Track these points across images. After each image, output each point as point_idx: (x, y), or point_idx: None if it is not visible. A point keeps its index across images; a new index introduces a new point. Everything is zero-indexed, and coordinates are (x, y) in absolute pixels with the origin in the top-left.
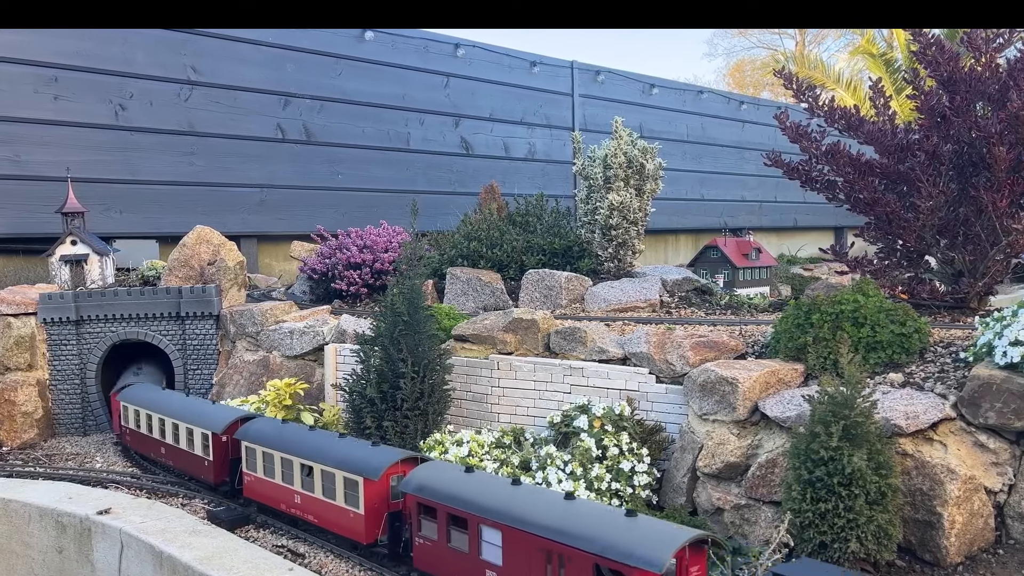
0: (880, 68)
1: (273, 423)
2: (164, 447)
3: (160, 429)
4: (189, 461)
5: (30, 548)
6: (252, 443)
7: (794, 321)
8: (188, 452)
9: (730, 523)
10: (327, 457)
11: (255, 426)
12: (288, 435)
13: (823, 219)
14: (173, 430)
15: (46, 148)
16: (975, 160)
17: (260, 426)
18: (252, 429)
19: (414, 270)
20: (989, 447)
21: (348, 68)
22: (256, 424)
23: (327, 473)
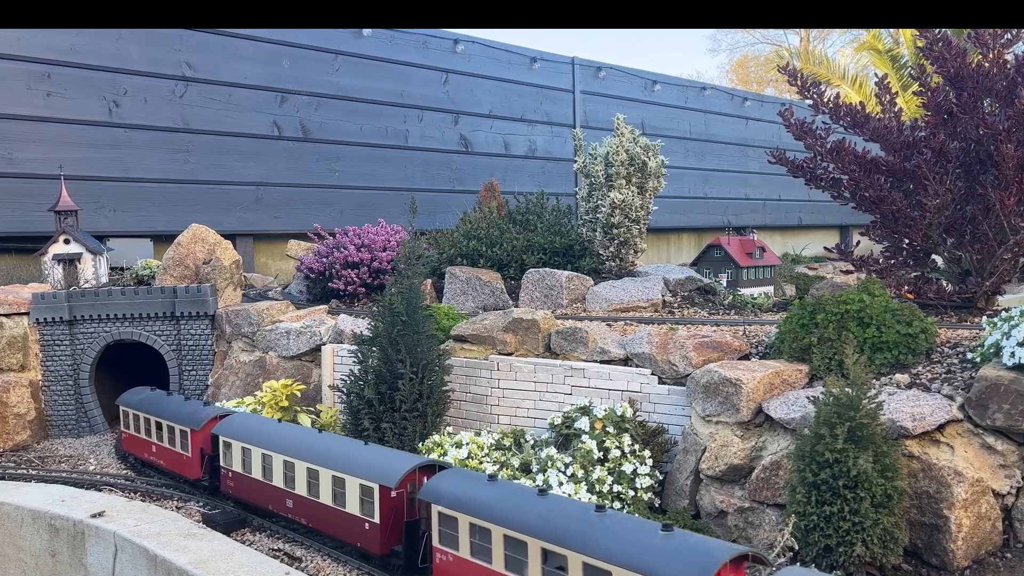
0: (886, 64)
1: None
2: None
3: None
4: (343, 522)
5: (22, 552)
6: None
7: (799, 321)
8: (344, 514)
9: (733, 526)
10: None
11: (236, 422)
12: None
13: (828, 217)
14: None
15: (38, 145)
16: (982, 158)
17: (246, 423)
18: (233, 425)
19: (413, 269)
20: (997, 449)
21: (346, 64)
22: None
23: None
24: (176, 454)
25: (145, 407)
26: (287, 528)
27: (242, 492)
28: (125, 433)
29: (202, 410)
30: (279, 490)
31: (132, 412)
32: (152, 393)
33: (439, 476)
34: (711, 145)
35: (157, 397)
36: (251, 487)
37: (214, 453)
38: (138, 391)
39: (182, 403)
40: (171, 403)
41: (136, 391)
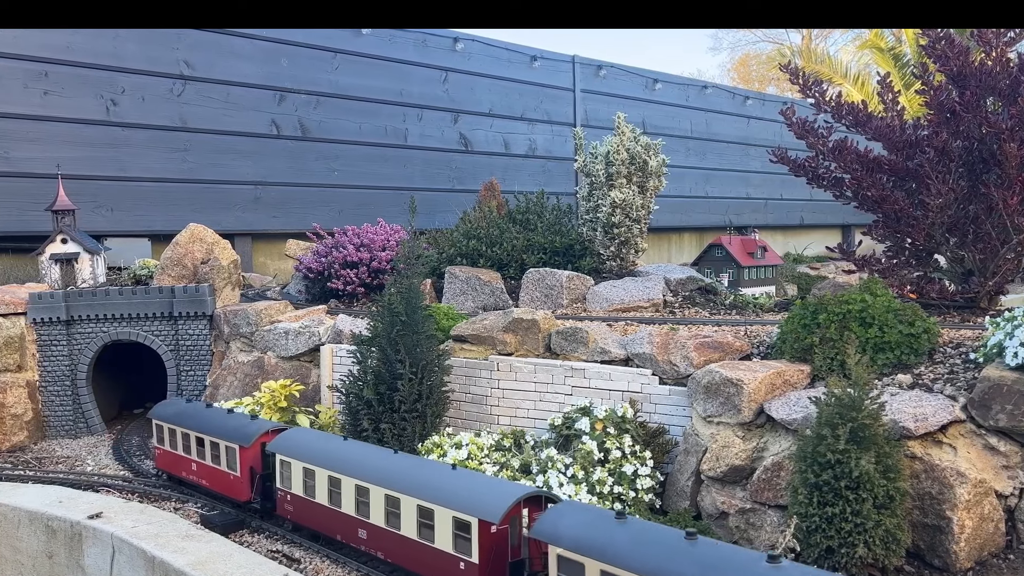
0: (888, 62)
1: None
2: None
3: None
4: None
5: (19, 553)
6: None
7: (800, 321)
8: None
9: (735, 528)
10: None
11: (294, 438)
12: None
13: (830, 217)
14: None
15: (35, 144)
16: (985, 157)
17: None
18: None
19: (412, 269)
20: (1000, 450)
21: (344, 63)
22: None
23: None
24: (221, 473)
25: (183, 420)
26: (360, 561)
27: (304, 518)
28: (158, 449)
29: (250, 424)
30: (350, 518)
31: (167, 426)
32: (189, 405)
33: (555, 511)
34: (712, 144)
35: (195, 409)
36: (315, 513)
37: (266, 472)
38: (172, 402)
39: (226, 416)
40: (213, 416)
41: (170, 402)
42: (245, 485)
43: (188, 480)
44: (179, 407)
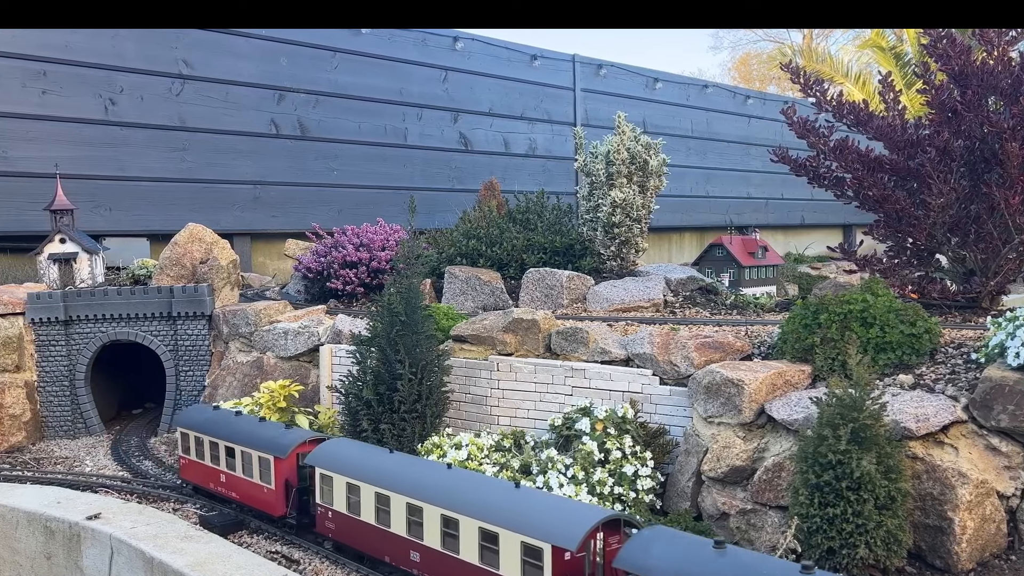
0: (890, 62)
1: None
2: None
3: None
4: None
5: (17, 554)
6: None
7: (801, 321)
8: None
9: (735, 528)
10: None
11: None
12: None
13: (831, 216)
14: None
15: (34, 144)
16: (987, 156)
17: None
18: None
19: (412, 269)
20: (1001, 450)
21: (344, 62)
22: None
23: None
24: (254, 486)
25: (211, 429)
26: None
27: (348, 537)
28: (184, 459)
29: (285, 434)
30: (400, 539)
31: (194, 435)
32: (218, 412)
33: (644, 539)
34: (713, 143)
35: (225, 417)
36: (360, 532)
37: (302, 486)
38: (200, 409)
39: (258, 425)
40: (244, 425)
41: (197, 409)
42: (280, 499)
43: (217, 493)
44: (206, 415)
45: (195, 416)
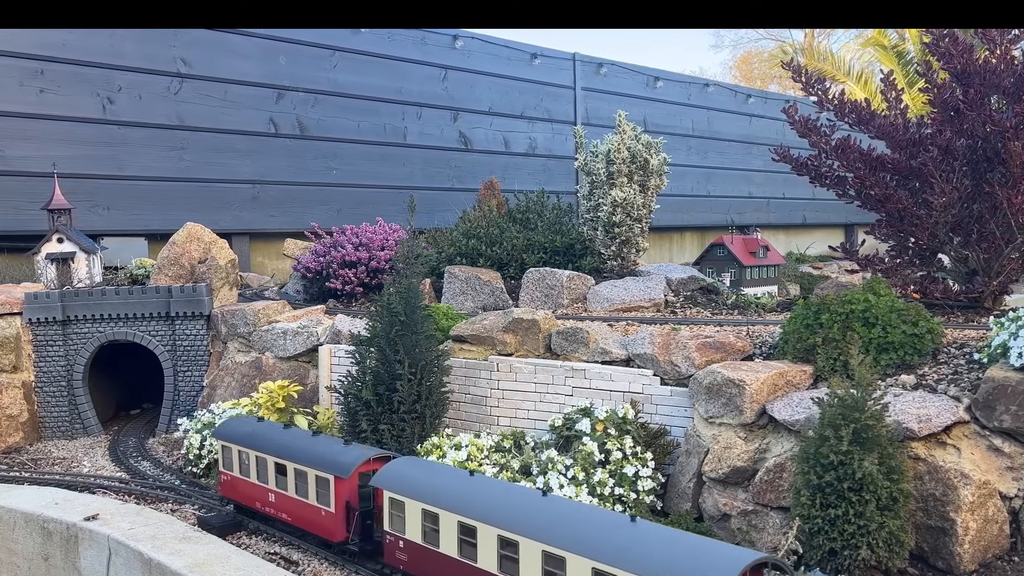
0: (892, 60)
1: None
2: None
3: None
4: None
5: (15, 555)
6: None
7: (803, 321)
8: None
9: (737, 529)
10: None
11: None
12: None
13: (833, 216)
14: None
15: (31, 143)
16: (990, 155)
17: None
18: None
19: (411, 269)
20: (1004, 451)
21: (343, 60)
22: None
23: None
24: (309, 508)
25: (257, 443)
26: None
27: (423, 571)
28: (226, 475)
29: (345, 451)
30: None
31: (237, 448)
32: (263, 424)
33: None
34: (714, 143)
35: (272, 430)
36: (440, 566)
37: (365, 508)
38: (242, 421)
39: (311, 439)
40: (296, 439)
41: (239, 420)
42: (339, 523)
43: (264, 513)
44: (251, 426)
45: (237, 428)
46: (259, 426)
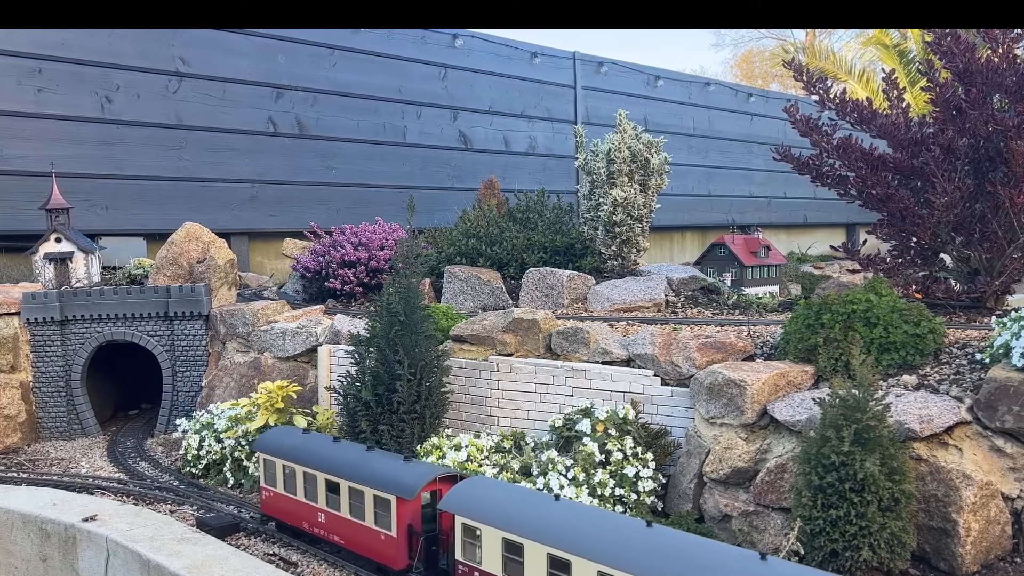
0: (893, 59)
1: None
2: None
3: None
4: None
5: (12, 556)
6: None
7: (804, 321)
8: None
9: (738, 530)
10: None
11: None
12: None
13: (834, 216)
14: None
15: (29, 142)
16: (992, 155)
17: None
18: None
19: (411, 268)
20: (1006, 452)
21: (342, 59)
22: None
23: None
24: (365, 531)
25: (305, 457)
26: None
27: None
28: (268, 492)
29: (407, 468)
30: None
31: (282, 463)
32: (310, 436)
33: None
34: (715, 142)
35: (320, 443)
36: None
37: (430, 533)
38: (285, 432)
39: (366, 454)
40: (349, 454)
41: (283, 432)
42: (401, 549)
43: (313, 534)
44: (295, 439)
45: (281, 440)
46: (306, 438)
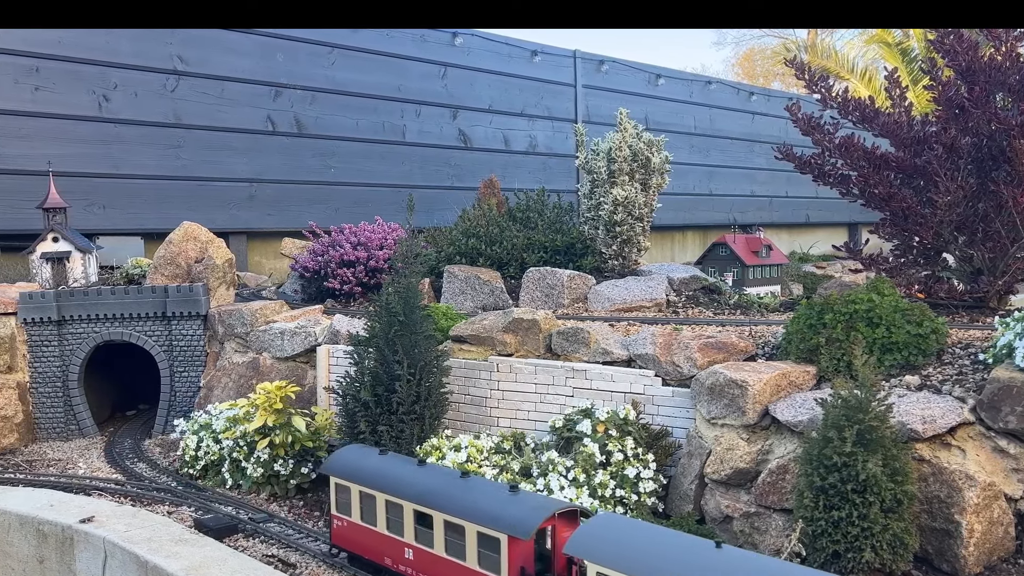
0: (896, 57)
1: None
2: None
3: None
4: None
5: (9, 558)
6: None
7: (806, 321)
8: None
9: (739, 532)
10: None
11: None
12: None
13: (836, 215)
14: None
15: (26, 141)
16: (995, 153)
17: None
18: None
19: (410, 268)
20: (1009, 452)
21: (341, 57)
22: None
23: None
24: (466, 573)
25: (386, 483)
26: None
27: None
28: (341, 521)
29: (516, 501)
30: None
31: (359, 489)
32: (390, 458)
33: None
34: (716, 141)
35: (402, 466)
36: None
37: (541, 573)
38: (359, 452)
39: (461, 482)
40: (440, 480)
41: (355, 451)
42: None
43: (397, 571)
44: (373, 460)
45: (356, 462)
46: (385, 460)
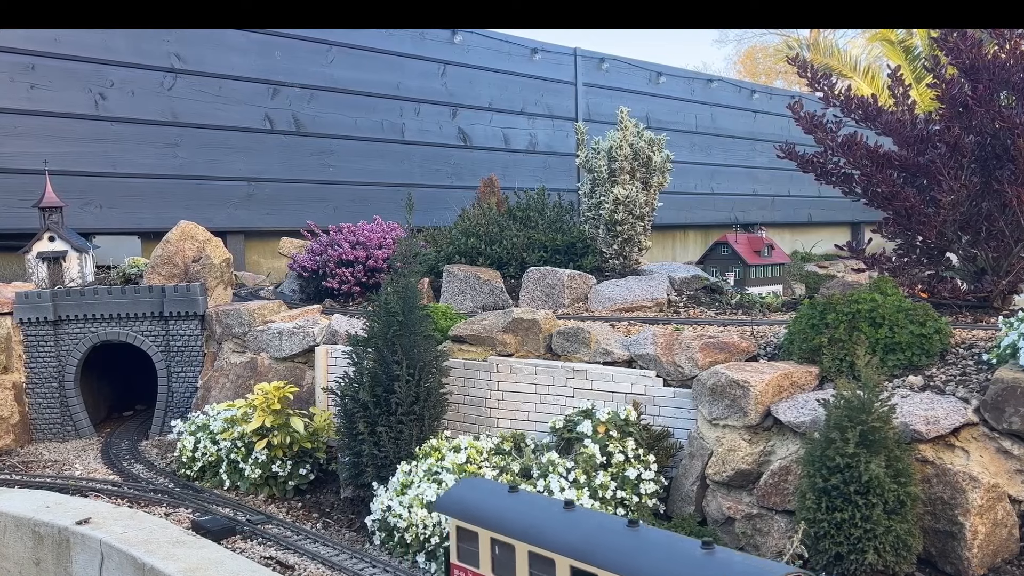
0: (899, 55)
1: None
2: None
3: None
4: None
5: (5, 560)
6: None
7: (808, 321)
8: None
9: (741, 533)
10: None
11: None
12: None
13: (839, 214)
14: None
15: (22, 139)
16: (999, 152)
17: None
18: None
19: (409, 268)
20: (1013, 454)
21: (340, 55)
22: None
23: None
24: None
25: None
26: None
27: None
28: (464, 572)
29: (713, 565)
30: None
31: (489, 535)
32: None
33: None
34: (718, 139)
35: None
36: None
37: None
38: (483, 488)
39: (629, 533)
40: (601, 531)
41: (478, 487)
42: None
43: None
44: (502, 499)
45: (481, 501)
46: (518, 500)
